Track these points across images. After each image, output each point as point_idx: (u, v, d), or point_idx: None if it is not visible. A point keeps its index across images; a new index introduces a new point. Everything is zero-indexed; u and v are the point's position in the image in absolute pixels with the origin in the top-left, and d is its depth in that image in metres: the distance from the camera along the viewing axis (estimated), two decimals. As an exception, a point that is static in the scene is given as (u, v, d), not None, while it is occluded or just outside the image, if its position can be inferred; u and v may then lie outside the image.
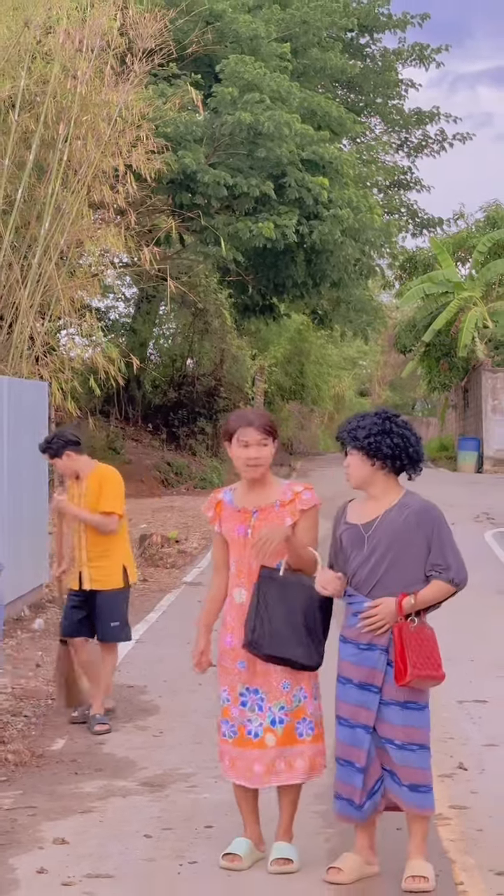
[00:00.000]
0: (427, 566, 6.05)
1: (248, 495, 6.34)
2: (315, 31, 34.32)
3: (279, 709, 6.21)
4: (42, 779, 7.92)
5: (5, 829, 6.93)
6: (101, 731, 8.97)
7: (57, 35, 17.52)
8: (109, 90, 18.63)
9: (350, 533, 6.17)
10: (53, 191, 17.43)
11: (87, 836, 6.79)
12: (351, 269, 32.57)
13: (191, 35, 28.36)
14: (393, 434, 6.11)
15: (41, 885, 6.08)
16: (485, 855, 6.47)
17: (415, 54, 41.38)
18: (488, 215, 47.72)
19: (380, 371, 73.93)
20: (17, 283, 17.14)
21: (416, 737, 6.05)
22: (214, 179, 27.68)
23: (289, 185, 28.69)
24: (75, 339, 22.08)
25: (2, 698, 9.65)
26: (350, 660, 6.11)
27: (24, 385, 15.01)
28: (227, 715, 6.28)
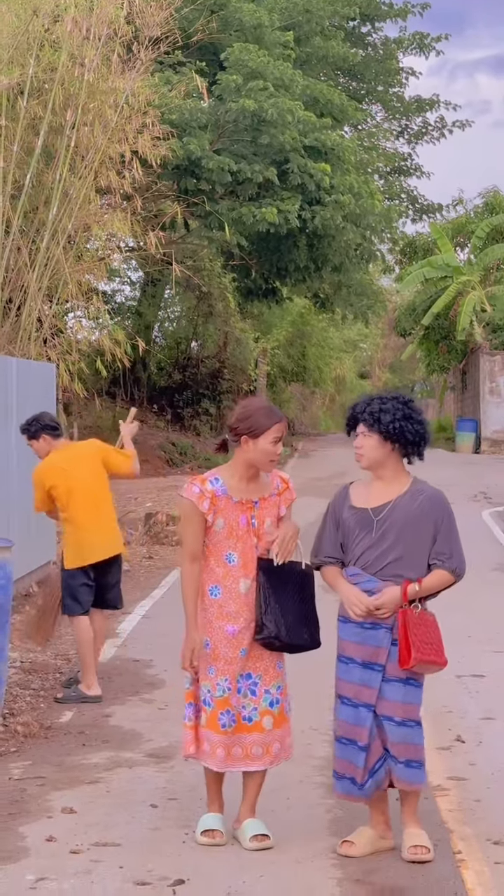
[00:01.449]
0: (431, 553, 6.04)
1: (245, 486, 6.21)
2: (318, 20, 34.22)
3: (276, 689, 6.20)
4: (50, 750, 7.95)
5: (15, 798, 6.96)
6: (62, 700, 9.13)
7: (65, 23, 17.46)
8: (116, 77, 18.58)
9: (358, 516, 6.10)
10: (61, 176, 17.40)
11: (95, 805, 6.82)
12: (352, 254, 32.52)
13: (196, 23, 28.29)
14: (413, 420, 6.08)
15: (50, 852, 6.10)
16: (482, 824, 6.49)
17: (415, 43, 41.23)
18: (487, 201, 47.65)
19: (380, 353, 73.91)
20: (25, 267, 17.12)
21: (414, 713, 6.05)
22: (219, 165, 27.63)
23: (291, 172, 28.64)
24: (82, 321, 22.07)
25: (11, 672, 9.68)
26: (353, 639, 6.06)
27: (32, 366, 15.01)
28: (228, 705, 6.14)
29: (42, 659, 10.50)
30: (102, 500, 9.56)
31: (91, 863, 5.96)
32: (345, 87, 38.16)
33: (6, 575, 8.46)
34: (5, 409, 13.01)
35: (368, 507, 6.11)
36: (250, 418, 6.13)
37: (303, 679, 7.59)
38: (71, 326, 20.93)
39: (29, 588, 13.32)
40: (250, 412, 6.17)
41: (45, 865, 5.92)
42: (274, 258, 31.94)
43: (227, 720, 6.12)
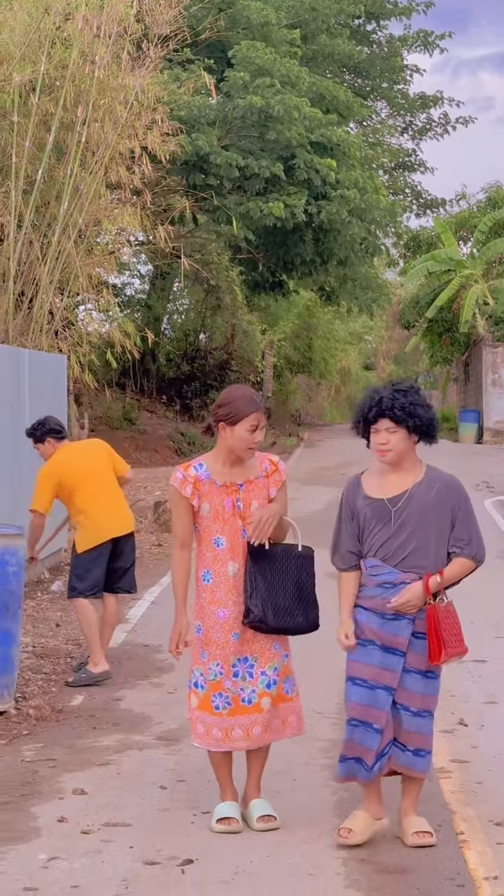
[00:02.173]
0: (450, 540, 5.92)
1: (229, 470, 6.12)
2: (324, 18, 34.18)
3: (273, 670, 6.10)
4: (62, 733, 7.97)
5: (27, 779, 6.97)
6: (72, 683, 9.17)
7: (76, 21, 17.45)
8: (126, 75, 18.56)
9: (374, 507, 5.94)
10: (72, 171, 17.39)
11: (105, 787, 6.83)
12: (357, 248, 32.49)
13: (204, 21, 28.26)
14: (430, 408, 5.96)
15: (61, 832, 6.12)
16: (484, 806, 6.50)
17: (419, 41, 41.15)
18: (489, 196, 47.58)
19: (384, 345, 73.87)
20: (37, 260, 17.12)
21: (431, 704, 5.99)
22: (227, 161, 27.60)
23: (298, 167, 28.61)
24: (93, 314, 22.08)
25: (24, 656, 9.69)
26: (372, 625, 5.92)
27: (44, 358, 15.02)
28: (221, 688, 6.07)
29: (53, 644, 10.52)
30: (111, 486, 9.62)
31: (102, 843, 5.98)
32: (350, 83, 38.10)
33: (18, 562, 8.48)
34: (18, 400, 13.02)
35: (384, 497, 5.94)
36: (229, 405, 6.05)
37: (307, 661, 7.60)
38: (82, 319, 20.94)
39: (41, 574, 13.34)
40: (230, 399, 6.08)
41: (56, 845, 5.94)
42: (280, 252, 31.92)
43: (220, 702, 6.06)
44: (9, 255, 16.68)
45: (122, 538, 9.56)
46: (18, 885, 5.44)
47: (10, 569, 8.37)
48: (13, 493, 12.47)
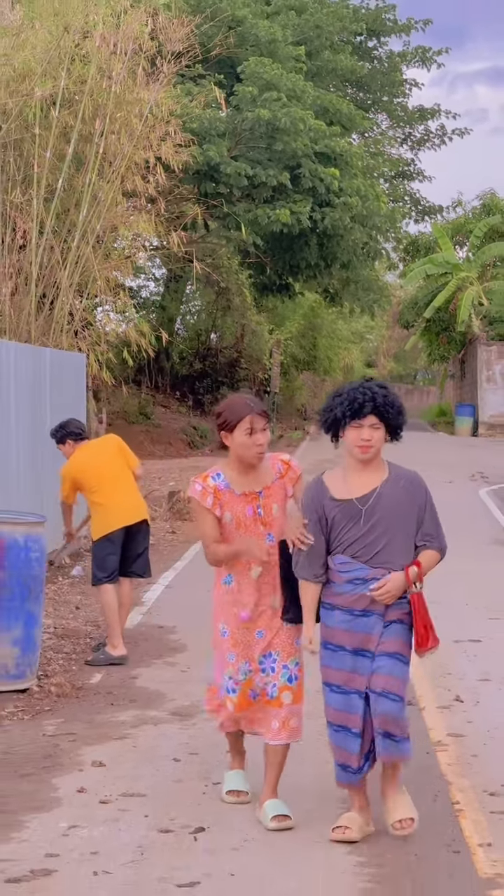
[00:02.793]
0: (419, 535, 5.57)
1: (245, 478, 5.84)
2: (327, 35, 34.14)
3: (294, 665, 5.88)
4: (81, 708, 7.97)
5: (49, 752, 6.98)
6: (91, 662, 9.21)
7: (93, 39, 17.43)
8: (141, 89, 18.54)
9: (342, 508, 5.55)
10: (90, 181, 17.38)
11: (122, 759, 6.84)
12: (359, 252, 32.48)
13: (215, 39, 28.22)
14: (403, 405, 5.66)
15: (81, 802, 6.13)
16: (478, 777, 6.50)
17: (418, 56, 41.08)
18: (484, 203, 47.54)
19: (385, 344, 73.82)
20: (57, 264, 17.12)
21: (396, 687, 5.52)
22: (236, 170, 27.61)
23: (303, 176, 28.60)
24: (110, 315, 22.07)
25: (45, 637, 9.70)
26: (342, 626, 5.57)
27: (64, 356, 15.03)
28: (252, 684, 5.88)
29: (73, 625, 10.53)
30: (125, 478, 9.64)
31: (119, 812, 5.98)
32: (352, 97, 38.04)
33: (41, 548, 8.49)
34: (40, 396, 13.03)
35: (352, 497, 5.56)
36: (223, 413, 5.82)
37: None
38: (100, 319, 20.94)
39: (62, 560, 13.34)
40: (224, 407, 5.86)
41: (76, 814, 5.95)
42: (287, 256, 31.92)
43: (252, 694, 5.92)
44: (31, 259, 16.68)
45: (134, 526, 9.57)
46: (41, 852, 5.46)
47: (32, 555, 8.38)
48: (36, 484, 12.48)
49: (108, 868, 5.27)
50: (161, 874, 5.20)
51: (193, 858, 5.36)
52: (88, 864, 5.32)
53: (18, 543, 8.30)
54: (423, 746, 6.79)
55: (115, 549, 9.45)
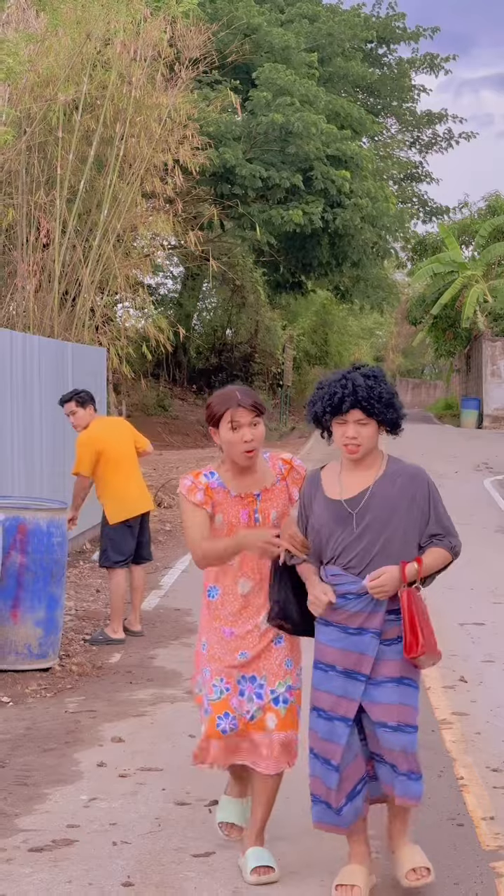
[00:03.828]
0: (424, 536, 4.73)
1: (241, 479, 4.90)
2: (339, 43, 34.10)
3: (284, 688, 4.90)
4: (101, 687, 8.00)
5: (70, 729, 7.00)
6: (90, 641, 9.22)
7: (114, 46, 17.41)
8: (160, 94, 18.53)
9: (332, 510, 4.72)
10: (111, 182, 17.38)
11: (141, 735, 6.86)
12: (369, 251, 32.44)
13: (231, 46, 28.22)
14: (396, 395, 4.75)
15: (101, 776, 6.15)
16: (481, 754, 6.51)
17: (426, 63, 41.02)
18: (489, 204, 47.45)
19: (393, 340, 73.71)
20: (80, 263, 17.13)
21: (410, 716, 4.69)
22: (251, 172, 27.59)
23: (315, 178, 28.56)
24: (130, 311, 22.06)
25: (67, 619, 9.73)
26: (334, 645, 4.73)
27: (86, 350, 15.04)
28: (227, 707, 4.89)
29: (94, 608, 10.55)
30: (135, 465, 9.64)
31: (137, 785, 6.00)
32: (363, 102, 37.99)
33: (62, 533, 8.50)
34: (63, 388, 13.04)
35: (342, 498, 4.72)
36: (209, 407, 4.91)
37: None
38: (120, 315, 20.94)
39: (83, 545, 13.37)
40: (209, 401, 4.94)
41: (97, 787, 5.97)
42: (300, 255, 31.90)
43: (226, 725, 4.89)
44: (54, 257, 16.69)
45: (145, 514, 9.59)
46: (63, 823, 5.48)
47: (55, 540, 8.40)
48: (57, 472, 12.50)
49: (127, 838, 5.29)
50: (177, 844, 5.22)
51: (208, 830, 5.36)
52: (108, 834, 5.34)
53: (41, 529, 8.32)
54: (428, 724, 6.79)
55: (132, 535, 9.48)
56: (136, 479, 9.62)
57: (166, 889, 4.76)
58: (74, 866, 4.98)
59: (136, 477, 9.63)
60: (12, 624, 8.24)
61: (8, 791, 5.90)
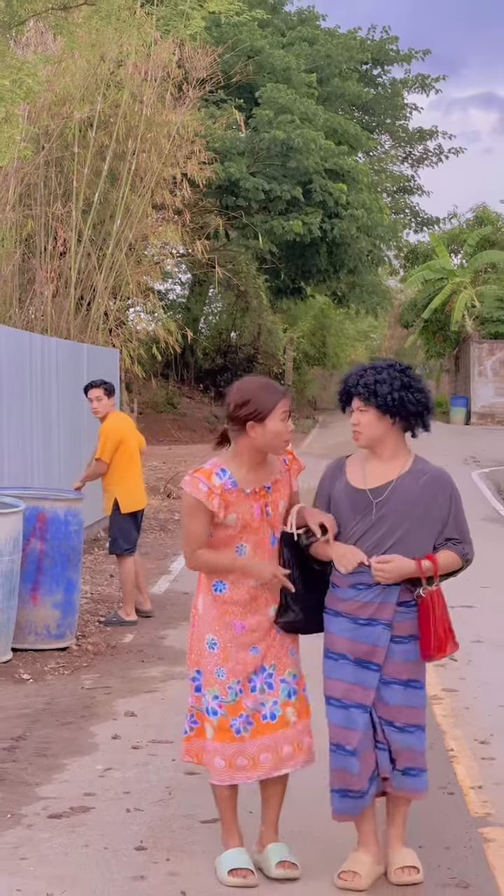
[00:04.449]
0: (440, 538, 4.54)
1: (253, 474, 4.54)
2: (336, 64, 34.04)
3: (292, 677, 4.61)
4: (115, 665, 8.01)
5: (86, 704, 7.01)
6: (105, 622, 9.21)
7: (127, 67, 17.42)
8: (169, 112, 18.53)
9: (353, 497, 4.53)
10: (123, 194, 17.38)
11: (152, 710, 6.87)
12: (364, 259, 32.41)
13: (235, 67, 28.17)
14: (413, 389, 4.51)
15: (115, 747, 6.16)
16: (470, 727, 6.51)
17: (418, 83, 40.95)
18: (477, 215, 47.41)
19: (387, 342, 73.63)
20: (94, 270, 17.14)
21: (416, 717, 4.55)
22: (254, 185, 27.56)
23: (314, 190, 28.53)
24: (141, 315, 22.08)
25: (83, 602, 9.74)
26: (345, 635, 4.51)
27: (100, 351, 15.05)
28: (241, 708, 4.53)
29: (108, 592, 10.56)
30: (140, 461, 9.66)
31: (149, 756, 6.01)
32: (359, 120, 37.92)
33: (79, 522, 8.52)
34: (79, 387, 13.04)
35: (366, 487, 4.52)
36: (252, 401, 4.46)
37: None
38: (132, 319, 20.95)
39: (97, 534, 13.38)
40: (249, 394, 4.49)
41: (111, 758, 5.98)
42: (299, 262, 31.86)
43: (240, 724, 4.53)
44: (71, 265, 16.70)
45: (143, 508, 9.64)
46: (80, 791, 5.49)
47: (72, 528, 8.41)
48: (75, 463, 12.50)
49: (140, 806, 5.30)
50: (187, 811, 5.23)
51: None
52: (122, 802, 5.35)
53: (59, 518, 8.33)
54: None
55: (138, 525, 9.53)
56: (142, 474, 9.68)
57: (177, 853, 4.77)
58: (91, 832, 4.99)
59: (141, 472, 9.68)
60: (32, 606, 8.25)
61: (28, 762, 5.91)
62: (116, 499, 9.40)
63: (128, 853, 4.75)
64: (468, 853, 4.78)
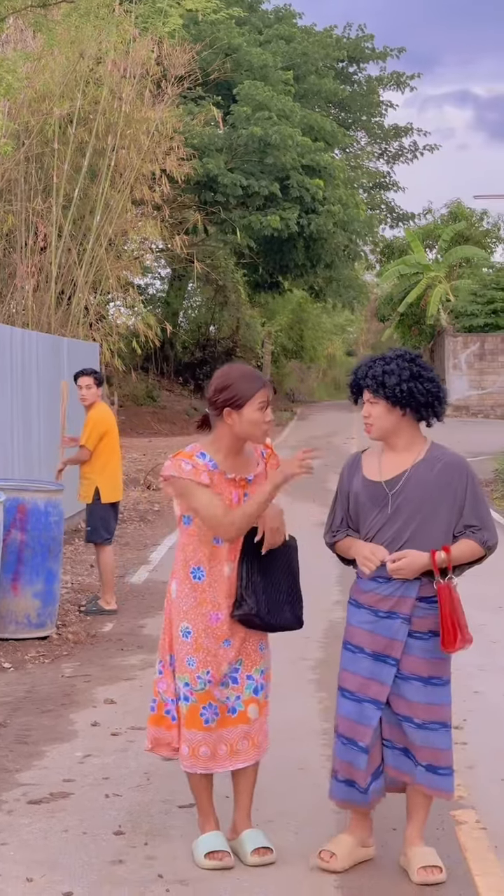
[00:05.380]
0: (458, 526, 4.39)
1: (231, 460, 4.47)
2: (313, 62, 34.04)
3: (259, 674, 4.57)
4: (95, 653, 8.00)
5: (66, 692, 7.01)
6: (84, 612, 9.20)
7: (106, 64, 17.36)
8: (148, 109, 18.48)
9: (370, 490, 4.44)
10: (103, 190, 17.33)
11: (131, 697, 6.86)
12: (341, 254, 32.48)
13: (213, 64, 28.13)
14: (423, 379, 4.41)
15: (94, 734, 6.16)
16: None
17: (393, 80, 40.99)
18: (451, 211, 47.54)
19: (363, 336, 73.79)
20: (74, 264, 17.09)
21: (439, 714, 4.40)
22: (232, 181, 27.54)
23: (292, 186, 28.54)
24: (121, 309, 22.05)
25: (63, 591, 9.73)
26: (364, 627, 4.43)
27: (80, 345, 15.01)
28: (210, 697, 4.48)
29: (88, 581, 10.55)
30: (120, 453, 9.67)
31: (127, 742, 6.01)
32: (335, 116, 37.95)
33: (59, 512, 8.50)
34: (59, 380, 13.02)
35: (381, 479, 4.42)
36: (230, 387, 4.40)
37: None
38: (112, 313, 20.91)
39: (78, 524, 13.35)
40: (229, 380, 4.42)
41: (90, 745, 5.97)
42: (277, 257, 31.89)
43: (210, 714, 4.49)
44: (51, 260, 16.65)
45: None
46: (59, 777, 5.49)
47: (52, 518, 8.40)
48: (54, 456, 12.47)
49: (119, 791, 5.30)
50: (164, 797, 5.23)
51: (193, 783, 5.37)
52: (101, 787, 5.35)
53: (39, 509, 8.32)
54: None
55: (116, 515, 9.54)
56: (121, 466, 9.68)
57: (154, 837, 4.78)
58: (70, 817, 4.99)
59: (121, 464, 9.68)
60: (13, 596, 8.24)
61: (9, 749, 5.90)
62: (98, 488, 9.37)
63: (106, 838, 4.76)
64: (440, 834, 4.80)
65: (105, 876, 4.40)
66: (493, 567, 5.67)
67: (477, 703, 6.76)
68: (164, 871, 4.43)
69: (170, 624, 4.58)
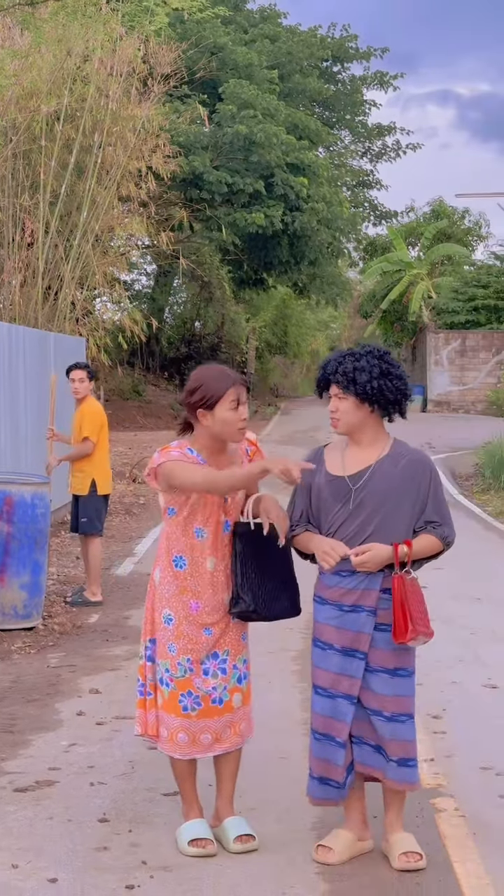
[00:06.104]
0: (420, 521, 4.41)
1: (218, 459, 4.45)
2: (297, 61, 34.03)
3: (242, 663, 4.57)
4: (81, 644, 8.01)
5: (52, 682, 7.01)
6: (70, 603, 9.18)
7: (93, 62, 17.33)
8: (134, 107, 18.46)
9: (333, 485, 4.41)
10: (90, 187, 17.30)
11: (116, 687, 6.87)
12: (325, 251, 32.47)
13: (199, 63, 28.09)
14: (392, 376, 4.39)
15: (79, 723, 6.16)
16: (421, 703, 6.50)
17: (377, 80, 40.95)
18: (433, 209, 47.55)
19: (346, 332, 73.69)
20: (61, 260, 17.06)
21: (405, 706, 4.43)
22: (217, 179, 27.52)
23: (276, 184, 28.53)
24: (107, 304, 22.02)
25: (50, 583, 9.73)
26: (331, 623, 4.42)
27: (67, 340, 14.99)
28: (190, 685, 4.47)
29: (74, 573, 10.55)
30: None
31: (112, 732, 6.02)
32: (319, 115, 37.91)
33: (45, 505, 8.50)
34: (46, 374, 13.00)
35: (345, 474, 4.41)
36: (201, 388, 4.39)
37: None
38: (98, 309, 20.88)
39: (64, 517, 13.34)
40: (200, 381, 4.42)
41: (76, 734, 5.98)
42: (262, 254, 31.87)
43: (189, 703, 4.48)
44: (38, 255, 16.62)
45: None
46: (45, 766, 5.49)
47: (38, 511, 8.39)
48: (41, 450, 12.46)
49: (103, 780, 5.31)
50: (149, 785, 5.24)
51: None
52: (86, 776, 5.36)
53: (26, 501, 8.31)
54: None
55: (107, 507, 9.56)
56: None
57: (139, 824, 4.79)
58: (55, 804, 4.99)
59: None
60: (0, 587, 8.23)
61: (-5, 738, 5.91)
62: (94, 480, 9.37)
63: (91, 825, 4.77)
64: (420, 822, 4.83)
65: (90, 862, 4.41)
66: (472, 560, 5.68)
67: (455, 693, 6.80)
68: (148, 858, 4.45)
69: (152, 610, 4.57)
